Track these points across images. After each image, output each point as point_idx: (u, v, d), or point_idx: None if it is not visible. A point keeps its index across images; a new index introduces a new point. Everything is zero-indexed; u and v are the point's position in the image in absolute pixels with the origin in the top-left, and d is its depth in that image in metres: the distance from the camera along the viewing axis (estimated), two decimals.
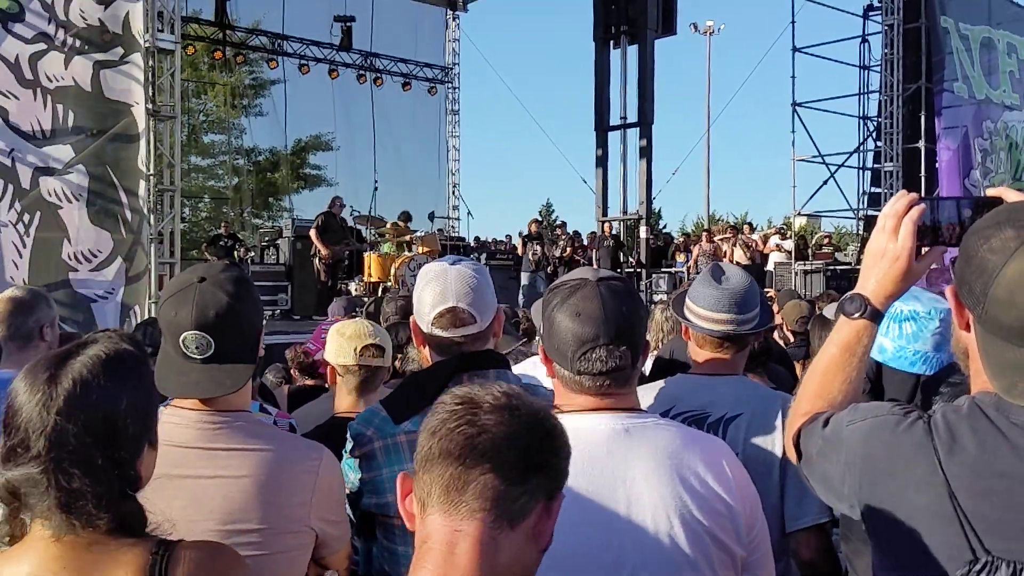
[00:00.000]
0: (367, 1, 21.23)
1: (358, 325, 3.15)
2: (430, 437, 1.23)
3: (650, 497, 1.69)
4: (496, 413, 1.22)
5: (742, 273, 2.60)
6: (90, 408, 1.36)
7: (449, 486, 1.19)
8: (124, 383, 1.41)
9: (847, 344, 1.63)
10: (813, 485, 1.60)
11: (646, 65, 19.86)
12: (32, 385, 1.36)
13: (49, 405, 1.34)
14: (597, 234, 19.29)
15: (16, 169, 8.45)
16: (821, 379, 1.66)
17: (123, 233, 8.99)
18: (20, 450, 1.34)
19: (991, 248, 1.33)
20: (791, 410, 1.72)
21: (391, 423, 2.13)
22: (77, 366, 1.38)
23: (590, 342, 1.76)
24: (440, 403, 1.27)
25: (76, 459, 1.34)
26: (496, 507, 1.19)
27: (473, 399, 1.25)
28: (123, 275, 8.97)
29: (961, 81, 18.97)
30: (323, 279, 14.27)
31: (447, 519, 1.20)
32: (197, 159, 29.05)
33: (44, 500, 1.34)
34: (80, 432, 1.34)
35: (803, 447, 1.60)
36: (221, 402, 1.90)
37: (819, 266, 18.10)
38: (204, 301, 1.87)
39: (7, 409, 1.37)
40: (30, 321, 3.32)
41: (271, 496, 1.84)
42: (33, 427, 1.34)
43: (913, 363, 2.42)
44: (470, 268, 2.20)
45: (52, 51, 8.65)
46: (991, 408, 1.34)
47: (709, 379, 2.52)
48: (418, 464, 1.24)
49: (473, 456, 1.19)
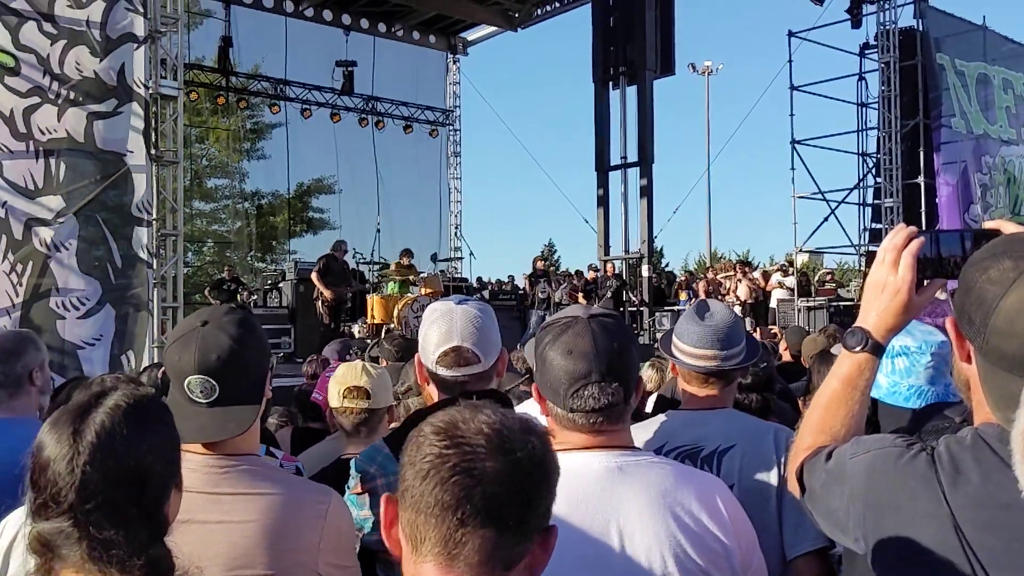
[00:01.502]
0: (368, 46, 21.52)
1: (347, 368, 3.14)
2: (420, 480, 1.17)
3: (643, 536, 1.68)
4: (491, 459, 1.16)
5: (726, 310, 2.62)
6: (117, 458, 1.36)
7: (446, 539, 1.15)
8: (148, 430, 1.41)
9: (848, 378, 1.63)
10: (817, 520, 1.59)
11: (645, 105, 20.00)
12: (58, 440, 1.36)
13: (76, 459, 1.34)
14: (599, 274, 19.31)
15: (9, 221, 8.56)
16: (823, 413, 1.66)
17: (113, 280, 9.05)
18: (51, 504, 1.34)
19: (990, 279, 1.33)
20: (794, 444, 1.72)
21: (394, 461, 2.13)
22: (99, 417, 1.38)
23: (582, 379, 1.77)
24: (422, 436, 1.21)
25: (106, 510, 1.34)
26: (493, 558, 1.17)
27: (463, 438, 1.18)
28: (112, 322, 9.02)
29: (959, 116, 19.11)
30: (326, 321, 14.28)
31: (443, 571, 1.17)
32: (200, 204, 29.21)
33: (76, 550, 1.34)
34: (108, 483, 1.34)
35: (806, 481, 1.60)
36: (228, 445, 1.89)
37: (822, 302, 18.10)
38: (206, 345, 1.87)
39: (34, 465, 1.37)
40: (18, 366, 3.23)
41: (278, 541, 1.81)
42: (62, 481, 1.33)
43: (908, 398, 2.42)
44: (475, 308, 2.22)
45: (45, 104, 8.76)
46: (994, 439, 1.33)
47: (700, 414, 2.53)
48: (406, 502, 1.19)
49: (471, 511, 1.14)
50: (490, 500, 1.15)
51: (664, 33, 20.33)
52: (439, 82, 23.82)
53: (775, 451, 2.37)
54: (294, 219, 27.69)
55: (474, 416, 1.21)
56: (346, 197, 24.17)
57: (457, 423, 1.20)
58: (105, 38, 9.06)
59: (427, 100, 23.25)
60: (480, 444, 1.17)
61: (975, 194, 19.14)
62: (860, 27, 19.38)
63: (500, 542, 1.16)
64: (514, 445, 1.19)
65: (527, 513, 1.19)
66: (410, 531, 1.19)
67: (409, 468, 1.19)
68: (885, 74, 18.21)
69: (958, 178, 18.79)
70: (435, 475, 1.15)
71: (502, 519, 1.16)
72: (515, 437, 1.20)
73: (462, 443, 1.17)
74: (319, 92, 21.36)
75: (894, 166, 18.13)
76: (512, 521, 1.17)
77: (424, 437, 1.20)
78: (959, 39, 19.47)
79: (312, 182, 27.21)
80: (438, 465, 1.16)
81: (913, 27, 18.94)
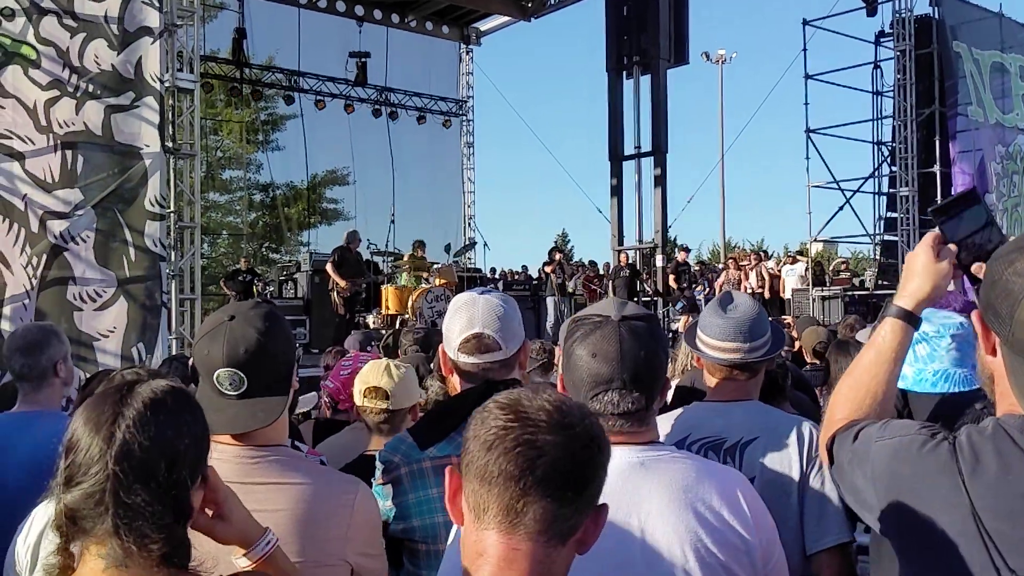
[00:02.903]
0: (381, 37, 21.51)
1: (372, 367, 3.17)
2: (485, 451, 1.24)
3: (664, 531, 1.69)
4: (553, 433, 1.23)
5: (750, 301, 2.61)
6: (158, 426, 1.39)
7: (508, 508, 1.22)
8: (184, 414, 1.45)
9: (878, 345, 1.70)
10: (844, 493, 1.64)
11: (659, 94, 19.93)
12: (97, 420, 1.38)
13: (119, 422, 1.37)
14: (612, 264, 19.31)
15: (28, 214, 8.63)
16: (853, 382, 1.72)
17: (128, 273, 9.13)
18: (86, 467, 1.36)
19: (1016, 271, 1.36)
20: (826, 414, 1.75)
21: (417, 449, 2.18)
22: (139, 400, 1.41)
23: (604, 384, 1.78)
24: (487, 411, 1.28)
25: (139, 473, 1.36)
26: (552, 527, 1.23)
27: (526, 413, 1.25)
28: (126, 315, 9.10)
29: (976, 104, 18.98)
30: (341, 312, 14.32)
31: (505, 538, 1.23)
32: (215, 195, 29.32)
33: (101, 521, 1.35)
34: (148, 446, 1.37)
35: (836, 454, 1.64)
36: (258, 436, 1.92)
37: (837, 292, 18.07)
38: (235, 338, 1.90)
39: (71, 437, 1.39)
40: (43, 359, 3.30)
41: (308, 530, 1.85)
42: (97, 447, 1.36)
43: (935, 383, 2.41)
44: (498, 298, 2.27)
45: (65, 97, 8.82)
46: (1015, 430, 1.36)
47: (724, 405, 2.53)
48: (470, 472, 1.25)
49: (533, 480, 1.21)
50: (551, 471, 1.22)
51: (678, 22, 20.23)
52: (452, 73, 23.79)
53: (798, 445, 2.37)
54: (308, 210, 27.76)
55: (536, 394, 1.29)
56: (360, 188, 24.19)
57: (520, 400, 1.28)
58: (122, 31, 9.10)
59: (440, 91, 23.23)
60: (542, 419, 1.25)
61: (991, 182, 19.02)
62: (875, 15, 19.27)
63: (558, 513, 1.23)
64: (573, 421, 1.26)
65: (583, 487, 1.25)
66: (473, 500, 1.25)
67: (473, 441, 1.26)
68: (900, 62, 18.08)
69: (975, 166, 18.67)
70: (499, 446, 1.23)
71: (561, 490, 1.23)
72: (574, 414, 1.27)
73: (525, 417, 1.25)
74: (333, 83, 21.37)
75: (909, 155, 18.02)
76: (570, 493, 1.24)
77: (488, 412, 1.28)
78: (975, 26, 19.32)
79: (326, 173, 27.25)
80: (503, 436, 1.23)
81: (929, 15, 18.82)
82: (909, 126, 18.01)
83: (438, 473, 2.12)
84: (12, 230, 8.54)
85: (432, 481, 2.13)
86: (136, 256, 9.18)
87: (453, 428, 2.17)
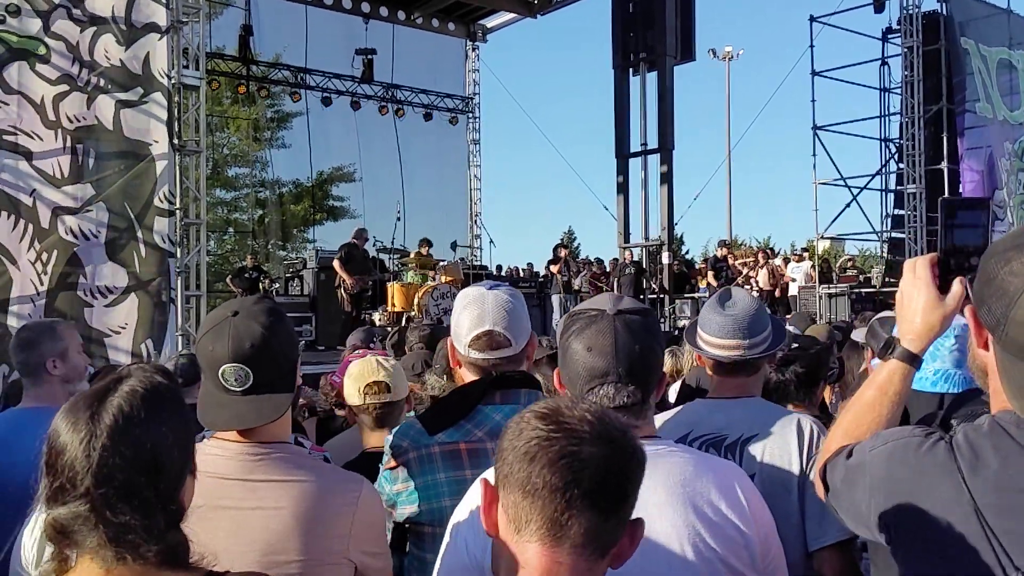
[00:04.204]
0: (388, 34, 21.48)
1: (363, 364, 3.17)
2: (527, 462, 1.22)
3: (662, 525, 1.68)
4: (596, 444, 1.22)
5: (748, 298, 2.62)
6: (133, 442, 1.37)
7: (552, 521, 1.20)
8: (163, 415, 1.42)
9: (880, 384, 1.69)
10: (842, 517, 1.61)
11: (665, 91, 19.87)
12: (74, 424, 1.36)
13: (93, 442, 1.34)
14: (619, 261, 19.29)
15: (37, 209, 8.63)
16: (853, 418, 1.70)
17: (138, 269, 9.13)
18: (68, 486, 1.34)
19: (1012, 271, 1.34)
20: (824, 445, 1.75)
21: (426, 435, 2.20)
22: (116, 401, 1.38)
23: (599, 378, 1.79)
24: (524, 421, 1.26)
25: (123, 493, 1.34)
26: (595, 541, 1.22)
27: (568, 424, 1.23)
28: (135, 311, 9.11)
29: (984, 101, 18.91)
30: (347, 309, 14.35)
31: (548, 551, 1.22)
32: (221, 192, 29.34)
33: (93, 536, 1.34)
34: (125, 466, 1.35)
35: (829, 479, 1.62)
36: (263, 433, 1.92)
37: (843, 289, 18.01)
38: (239, 334, 1.90)
39: (49, 450, 1.37)
40: (34, 356, 3.36)
41: (311, 527, 1.85)
42: (79, 465, 1.34)
43: (935, 383, 2.41)
44: (506, 293, 2.29)
45: (74, 92, 8.82)
46: (1012, 426, 1.35)
47: (725, 402, 2.54)
48: (510, 484, 1.24)
49: (578, 494, 1.19)
50: (596, 484, 1.20)
51: (684, 18, 20.18)
52: (458, 69, 23.75)
53: (798, 441, 2.37)
54: (315, 207, 27.77)
55: (576, 404, 1.27)
56: (367, 185, 24.17)
57: (561, 409, 1.26)
58: (129, 27, 9.13)
59: (447, 88, 23.19)
60: (585, 430, 1.23)
61: (1000, 179, 18.95)
62: (883, 11, 19.24)
63: (602, 527, 1.22)
64: (614, 434, 1.24)
65: (623, 500, 1.25)
66: (513, 512, 1.24)
67: (511, 452, 1.24)
68: (908, 59, 18.01)
69: (984, 163, 18.61)
70: (543, 457, 1.21)
71: (605, 503, 1.21)
72: (614, 426, 1.26)
73: (568, 428, 1.23)
74: (339, 80, 21.34)
75: (917, 152, 17.95)
76: (613, 506, 1.23)
77: (526, 422, 1.25)
78: (983, 22, 19.26)
79: (333, 170, 27.25)
80: (545, 447, 1.21)
81: (937, 11, 18.79)
82: (917, 123, 17.94)
83: (446, 458, 2.16)
84: (19, 226, 8.55)
85: (440, 466, 2.16)
86: (147, 252, 9.19)
87: (463, 416, 2.20)
